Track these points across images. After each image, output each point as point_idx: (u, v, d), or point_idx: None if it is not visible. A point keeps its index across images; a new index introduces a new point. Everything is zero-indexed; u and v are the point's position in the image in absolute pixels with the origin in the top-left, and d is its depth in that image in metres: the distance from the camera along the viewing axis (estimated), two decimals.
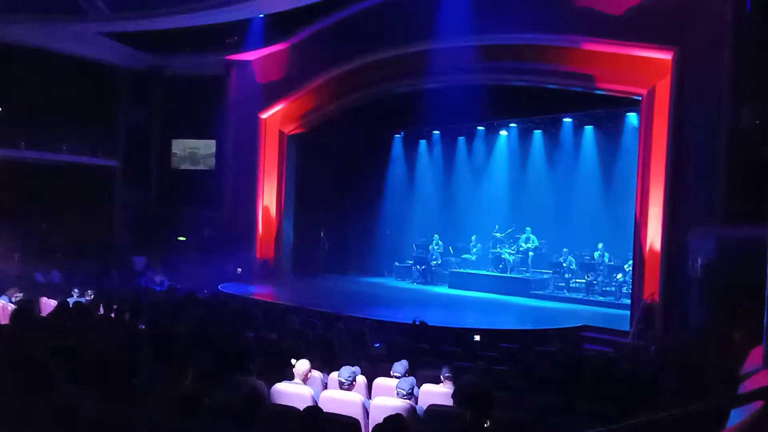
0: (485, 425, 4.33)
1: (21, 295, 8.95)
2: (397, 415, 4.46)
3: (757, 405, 2.62)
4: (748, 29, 9.42)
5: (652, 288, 10.79)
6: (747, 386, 3.61)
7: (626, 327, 10.89)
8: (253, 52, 17.45)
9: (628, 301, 12.23)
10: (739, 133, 8.83)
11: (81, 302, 8.32)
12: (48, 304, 8.74)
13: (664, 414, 2.50)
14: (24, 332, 5.77)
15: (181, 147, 19.01)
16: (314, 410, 4.08)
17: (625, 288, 14.06)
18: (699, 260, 8.78)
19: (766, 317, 3.93)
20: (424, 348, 7.84)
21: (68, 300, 8.35)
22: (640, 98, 11.86)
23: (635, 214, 11.71)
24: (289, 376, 5.47)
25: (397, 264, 18.58)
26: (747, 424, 2.54)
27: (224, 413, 3.87)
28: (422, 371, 6.58)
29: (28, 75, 16.42)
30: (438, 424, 4.75)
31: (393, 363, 6.39)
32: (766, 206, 4.12)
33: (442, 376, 6.05)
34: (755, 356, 4.14)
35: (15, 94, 16.25)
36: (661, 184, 10.84)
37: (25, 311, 6.85)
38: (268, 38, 16.79)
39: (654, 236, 11.04)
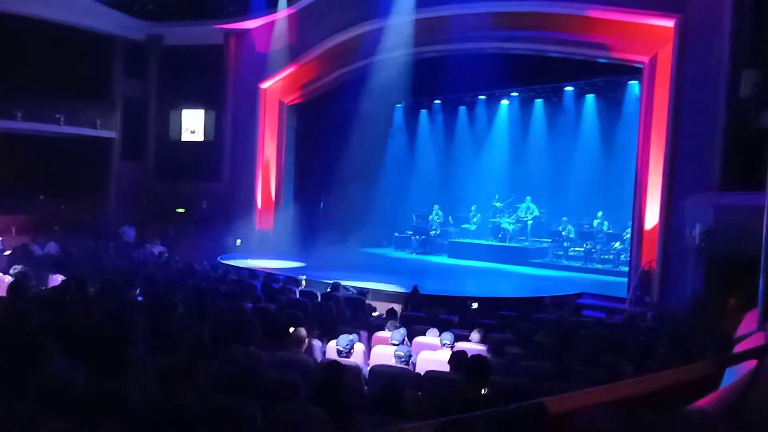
0: (482, 390, 4.40)
1: (20, 267, 8.97)
2: (394, 380, 4.53)
3: (751, 365, 2.65)
4: None
5: (649, 256, 10.86)
6: (741, 348, 3.64)
7: (624, 294, 10.99)
8: (252, 21, 17.19)
9: (626, 269, 12.30)
10: (737, 100, 8.76)
11: (79, 275, 8.34)
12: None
13: (660, 374, 2.53)
14: (18, 306, 5.80)
15: (179, 118, 18.87)
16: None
17: (623, 256, 14.13)
18: (697, 228, 8.80)
19: (761, 282, 3.96)
20: (422, 316, 7.91)
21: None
22: (641, 66, 11.76)
23: (635, 183, 11.71)
24: (288, 347, 5.53)
25: (396, 234, 18.63)
26: (741, 384, 2.57)
27: (220, 383, 3.91)
28: (419, 337, 6.66)
29: (24, 45, 16.20)
30: (435, 389, 4.81)
31: (391, 331, 6.47)
32: (763, 174, 4.11)
33: (440, 343, 6.13)
34: (750, 319, 4.19)
35: (11, 64, 16.04)
36: (661, 153, 10.83)
37: (20, 284, 6.87)
38: (269, 6, 16.52)
39: (653, 204, 11.06)
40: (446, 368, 5.22)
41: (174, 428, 2.88)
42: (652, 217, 11.09)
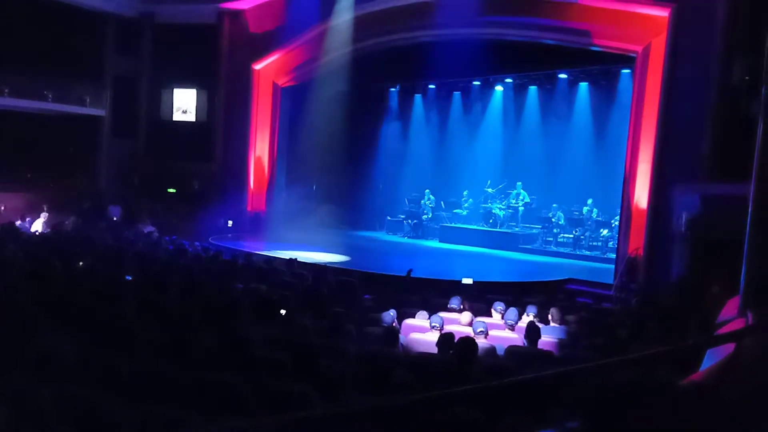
0: (470, 370, 4.48)
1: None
2: (384, 361, 4.60)
3: (729, 348, 2.73)
4: None
5: (637, 243, 10.99)
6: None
7: (611, 280, 11.12)
8: (247, 1, 17.02)
9: (614, 256, 12.44)
10: (728, 90, 8.83)
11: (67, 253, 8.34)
12: None
13: (643, 354, 2.60)
14: (8, 280, 5.82)
15: (171, 97, 18.71)
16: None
17: (611, 243, 14.28)
18: (684, 216, 8.91)
19: (743, 270, 4.05)
20: (412, 299, 7.99)
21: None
22: (635, 55, 11.80)
23: (624, 170, 11.81)
24: (276, 325, 5.59)
25: (388, 218, 18.68)
26: (720, 365, 2.65)
27: (212, 358, 3.96)
28: (408, 319, 6.74)
29: (13, 20, 15.95)
30: (425, 370, 4.89)
31: (381, 313, 6.55)
32: (750, 164, 4.20)
33: (429, 325, 6.21)
34: (731, 306, 4.28)
35: None
36: (651, 141, 10.92)
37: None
38: None
39: (642, 192, 11.17)
40: (435, 350, 5.30)
41: (164, 399, 2.92)
42: (640, 205, 11.21)
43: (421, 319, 6.67)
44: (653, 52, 11.14)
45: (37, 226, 13.06)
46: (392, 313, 6.46)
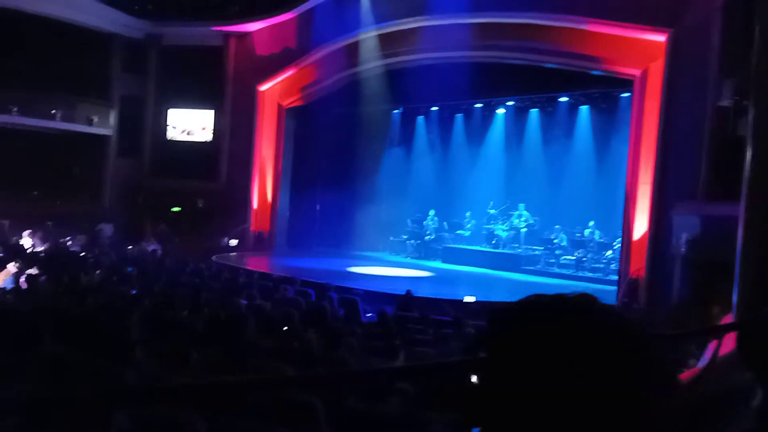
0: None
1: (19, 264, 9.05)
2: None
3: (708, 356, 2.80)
4: (737, 9, 9.48)
5: (638, 264, 11.04)
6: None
7: (613, 302, 11.13)
8: (252, 24, 17.36)
9: (616, 278, 12.45)
10: (720, 111, 8.97)
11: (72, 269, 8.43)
12: None
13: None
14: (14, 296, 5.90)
15: (177, 118, 18.97)
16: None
17: (613, 264, 14.26)
18: (683, 237, 8.98)
19: (735, 287, 4.13)
20: (414, 317, 8.03)
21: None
22: (633, 79, 11.99)
23: (625, 192, 11.91)
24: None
25: (392, 238, 18.75)
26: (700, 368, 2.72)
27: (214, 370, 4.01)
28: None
29: (23, 40, 16.28)
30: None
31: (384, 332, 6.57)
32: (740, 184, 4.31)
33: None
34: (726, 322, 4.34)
35: (9, 59, 16.12)
36: (650, 163, 11.04)
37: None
38: (269, 9, 16.73)
39: (642, 214, 11.25)
40: None
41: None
42: (641, 227, 11.28)
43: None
44: (651, 76, 11.33)
45: (28, 243, 12.94)
46: None
